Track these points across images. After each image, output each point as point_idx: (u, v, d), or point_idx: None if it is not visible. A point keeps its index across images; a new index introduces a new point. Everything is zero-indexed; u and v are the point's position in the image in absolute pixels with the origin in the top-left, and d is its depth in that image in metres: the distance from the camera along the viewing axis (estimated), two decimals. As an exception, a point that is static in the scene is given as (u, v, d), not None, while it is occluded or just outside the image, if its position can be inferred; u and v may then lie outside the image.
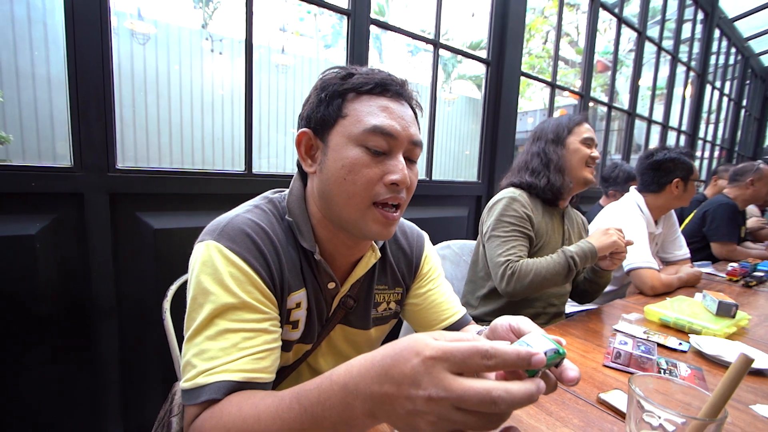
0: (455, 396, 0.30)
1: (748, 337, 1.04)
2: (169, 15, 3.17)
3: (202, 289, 0.52)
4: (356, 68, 0.59)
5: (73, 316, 1.06)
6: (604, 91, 4.91)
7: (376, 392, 0.33)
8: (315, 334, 0.65)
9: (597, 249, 1.08)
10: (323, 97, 0.57)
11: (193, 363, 0.49)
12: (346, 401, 0.35)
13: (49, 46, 1.51)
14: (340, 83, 0.57)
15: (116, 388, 1.14)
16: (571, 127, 1.23)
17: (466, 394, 0.29)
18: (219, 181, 1.23)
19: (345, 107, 0.56)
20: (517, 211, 1.16)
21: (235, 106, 1.66)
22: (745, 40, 5.16)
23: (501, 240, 1.15)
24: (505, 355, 0.31)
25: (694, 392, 0.47)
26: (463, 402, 0.30)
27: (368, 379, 0.34)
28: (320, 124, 0.58)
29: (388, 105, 0.56)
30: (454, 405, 0.30)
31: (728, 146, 5.67)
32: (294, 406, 0.39)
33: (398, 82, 0.59)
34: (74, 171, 1.02)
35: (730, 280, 1.66)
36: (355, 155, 0.55)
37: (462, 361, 0.30)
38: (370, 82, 0.56)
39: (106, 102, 1.04)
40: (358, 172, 0.54)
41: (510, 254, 1.12)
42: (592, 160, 1.22)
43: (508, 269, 1.10)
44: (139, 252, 1.13)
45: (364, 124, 0.54)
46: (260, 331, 0.52)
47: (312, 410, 0.38)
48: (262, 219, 0.58)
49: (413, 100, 0.62)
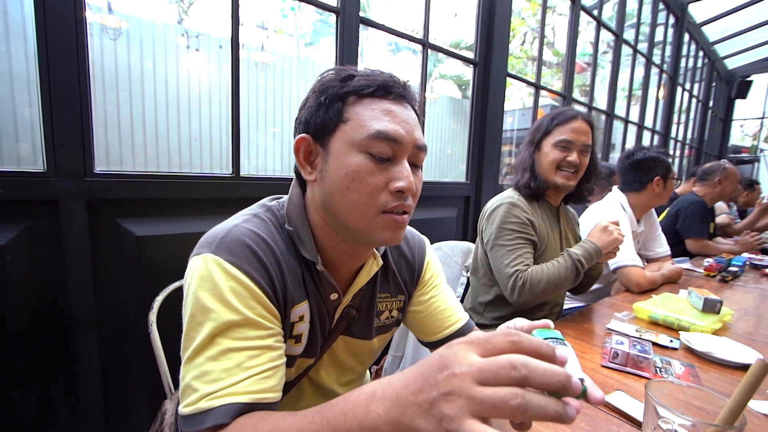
0: (476, 368, 0.30)
1: (732, 332, 1.07)
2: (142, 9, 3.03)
3: (201, 307, 0.48)
4: (355, 69, 0.56)
5: (49, 332, 0.99)
6: (581, 92, 5.04)
7: (403, 394, 0.33)
8: (317, 347, 0.63)
9: (601, 248, 1.09)
10: (323, 101, 0.54)
11: (194, 386, 0.46)
12: (369, 408, 0.34)
13: (10, 40, 1.39)
14: (340, 86, 0.53)
15: (99, 407, 1.07)
16: (551, 128, 1.18)
17: (487, 363, 0.30)
18: (205, 185, 1.18)
19: (346, 111, 0.53)
20: (518, 217, 1.14)
21: (215, 105, 1.60)
22: (712, 44, 5.42)
23: (506, 249, 1.13)
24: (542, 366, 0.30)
25: (708, 396, 0.48)
26: (483, 372, 0.30)
27: (396, 383, 0.34)
28: (320, 130, 0.54)
29: (391, 108, 0.53)
30: (475, 379, 0.30)
31: (697, 145, 5.95)
32: (316, 419, 0.38)
33: (401, 83, 0.56)
34: (47, 176, 0.95)
35: (707, 275, 1.73)
36: (359, 162, 0.52)
37: (488, 343, 0.32)
38: (372, 85, 0.53)
39: (81, 101, 0.97)
40: (362, 180, 0.52)
41: (517, 264, 1.10)
42: (568, 164, 1.16)
43: (518, 280, 1.08)
44: (121, 261, 1.07)
45: (367, 129, 0.52)
46: (265, 348, 0.49)
47: (334, 422, 0.37)
48: (262, 229, 0.55)
49: (416, 102, 0.59)
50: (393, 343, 1.29)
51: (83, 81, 0.97)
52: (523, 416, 0.29)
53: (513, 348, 0.31)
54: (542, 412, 0.28)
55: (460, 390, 0.30)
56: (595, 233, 1.12)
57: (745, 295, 1.46)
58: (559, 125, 1.17)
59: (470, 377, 0.30)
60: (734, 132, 8.30)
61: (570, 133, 1.16)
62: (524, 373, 0.29)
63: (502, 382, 0.29)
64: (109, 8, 2.48)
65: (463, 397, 0.29)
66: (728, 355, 0.87)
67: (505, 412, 0.29)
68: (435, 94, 5.66)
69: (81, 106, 0.97)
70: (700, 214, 2.28)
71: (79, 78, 0.96)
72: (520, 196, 1.22)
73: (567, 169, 1.17)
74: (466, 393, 0.29)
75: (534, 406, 0.28)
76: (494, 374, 0.30)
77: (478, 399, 0.29)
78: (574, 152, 1.16)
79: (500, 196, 1.23)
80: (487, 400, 0.29)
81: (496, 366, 0.30)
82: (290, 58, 3.91)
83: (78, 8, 0.94)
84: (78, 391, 1.04)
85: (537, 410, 0.28)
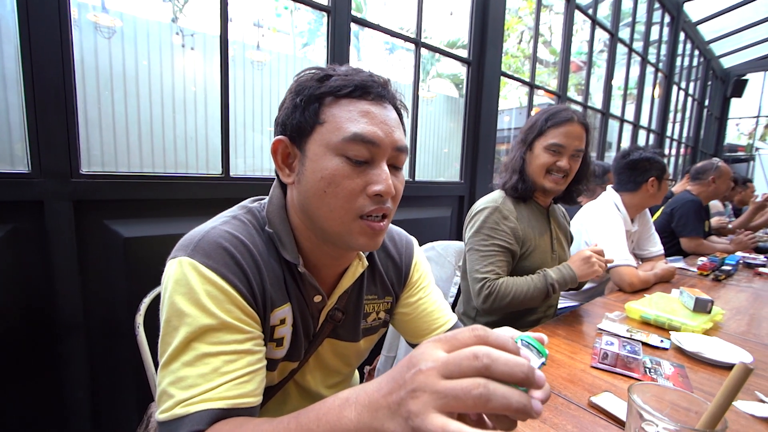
0: (441, 362, 0.30)
1: (723, 332, 1.07)
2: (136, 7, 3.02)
3: (176, 311, 0.47)
4: (334, 68, 0.55)
5: (36, 334, 0.98)
6: (577, 90, 5.04)
7: (375, 398, 0.33)
8: (302, 350, 0.62)
9: (578, 277, 1.07)
10: (298, 102, 0.53)
11: (169, 392, 0.45)
12: (342, 414, 0.34)
13: None
14: (317, 86, 0.52)
15: (86, 409, 1.06)
16: (545, 129, 1.15)
17: (451, 356, 0.30)
18: (194, 185, 1.16)
19: (322, 113, 0.52)
20: (498, 223, 1.13)
21: (210, 104, 1.59)
22: (707, 42, 5.43)
23: (480, 255, 1.13)
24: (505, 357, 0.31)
25: (692, 399, 0.47)
26: (447, 366, 0.30)
27: (369, 388, 0.34)
28: (296, 131, 0.53)
29: (369, 109, 0.52)
30: (440, 373, 0.30)
31: (693, 144, 5.97)
32: (291, 425, 0.38)
33: (380, 82, 0.54)
34: (32, 177, 0.94)
35: (701, 274, 1.73)
36: (335, 166, 0.51)
37: (454, 339, 0.32)
38: (349, 85, 0.51)
39: (67, 101, 0.96)
40: (338, 184, 0.51)
41: (488, 272, 1.10)
42: (557, 169, 1.14)
43: (485, 288, 1.09)
44: (108, 263, 1.06)
45: (343, 131, 0.50)
46: (243, 353, 0.49)
47: (308, 426, 0.36)
48: (241, 231, 0.54)
49: (397, 101, 0.58)
50: (386, 344, 1.28)
51: (68, 80, 0.95)
52: (485, 407, 0.28)
53: (478, 341, 0.32)
54: (505, 402, 0.28)
55: (425, 385, 0.29)
56: (577, 260, 1.08)
57: (738, 294, 1.46)
58: (554, 127, 1.13)
59: (435, 372, 0.30)
60: (730, 131, 8.33)
61: (563, 137, 1.12)
62: (486, 362, 0.29)
63: (466, 373, 0.29)
64: (103, 6, 2.46)
65: (428, 392, 0.29)
66: (718, 356, 0.86)
67: (468, 403, 0.28)
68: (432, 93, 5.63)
69: (66, 106, 0.96)
70: (695, 212, 2.28)
71: (64, 77, 0.94)
72: (507, 198, 1.20)
73: (556, 174, 1.15)
74: (430, 388, 0.29)
75: (497, 396, 0.28)
76: (458, 366, 0.29)
77: (442, 392, 0.29)
78: (565, 157, 1.13)
79: (486, 199, 1.22)
80: (450, 392, 0.28)
81: (460, 358, 0.30)
82: (287, 57, 3.88)
83: (62, 5, 0.92)
84: (65, 393, 1.03)
85: (500, 400, 0.28)
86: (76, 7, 2.10)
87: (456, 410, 0.29)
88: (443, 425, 0.28)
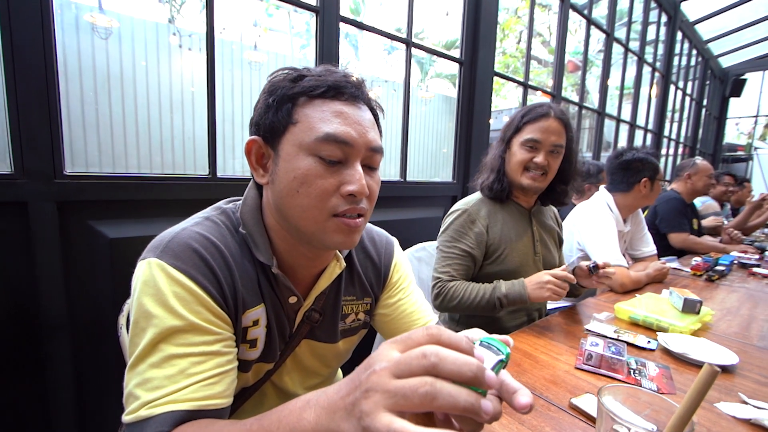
0: (393, 362, 0.30)
1: (712, 333, 1.07)
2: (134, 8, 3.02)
3: (143, 312, 0.47)
4: (308, 69, 0.55)
5: (20, 335, 0.98)
6: (575, 90, 5.04)
7: (333, 400, 0.33)
8: (276, 352, 0.61)
9: (528, 298, 1.03)
10: (271, 102, 0.53)
11: (135, 394, 0.45)
12: (302, 416, 0.34)
13: None
14: (290, 86, 0.52)
15: (71, 409, 1.06)
16: (521, 125, 1.13)
17: (402, 356, 0.31)
18: (180, 186, 1.16)
19: (295, 113, 0.52)
20: (464, 227, 1.14)
21: (204, 105, 1.59)
22: (705, 42, 5.42)
23: (442, 255, 1.15)
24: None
25: (662, 401, 0.47)
26: (399, 365, 0.30)
27: (330, 390, 0.34)
28: (269, 132, 0.53)
29: (342, 110, 0.52)
30: (392, 373, 0.30)
31: (691, 144, 5.95)
32: (253, 427, 0.38)
33: (354, 83, 0.54)
34: (15, 178, 0.93)
35: (694, 274, 1.72)
36: (307, 166, 0.51)
37: (408, 339, 0.33)
38: (322, 85, 0.51)
39: (50, 101, 0.95)
40: (311, 183, 0.50)
41: (443, 272, 1.12)
42: (535, 165, 1.12)
43: (436, 288, 1.11)
44: (93, 264, 1.05)
45: (315, 131, 0.50)
46: (211, 354, 0.48)
47: (269, 428, 0.36)
48: (213, 232, 0.54)
49: (372, 101, 0.58)
50: (375, 344, 1.28)
51: (52, 81, 0.95)
52: (431, 405, 0.28)
53: (430, 340, 0.32)
54: (452, 400, 0.28)
55: (377, 385, 0.29)
56: (533, 282, 1.03)
57: (730, 294, 1.45)
58: (530, 123, 1.12)
59: (388, 372, 0.30)
60: (731, 130, 8.32)
61: (538, 132, 1.11)
62: (434, 360, 0.29)
63: (415, 372, 0.29)
64: (100, 7, 2.46)
65: (380, 392, 0.29)
66: (704, 357, 0.86)
67: (415, 402, 0.28)
68: (430, 93, 5.62)
69: (50, 107, 0.95)
70: (677, 209, 2.31)
71: (47, 77, 0.94)
72: (483, 200, 1.20)
73: (534, 171, 1.13)
74: (382, 387, 0.29)
75: (443, 394, 0.28)
76: (408, 366, 0.30)
77: (392, 391, 0.29)
78: (542, 153, 1.11)
79: (461, 202, 1.21)
80: (398, 391, 0.28)
81: (410, 357, 0.30)
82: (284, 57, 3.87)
83: (45, 6, 0.92)
84: (50, 394, 1.02)
85: (446, 398, 0.28)
86: (74, 8, 2.08)
87: (405, 409, 0.29)
88: (389, 423, 0.27)
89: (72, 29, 1.95)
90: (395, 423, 0.27)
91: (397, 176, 1.84)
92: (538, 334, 1.00)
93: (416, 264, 1.52)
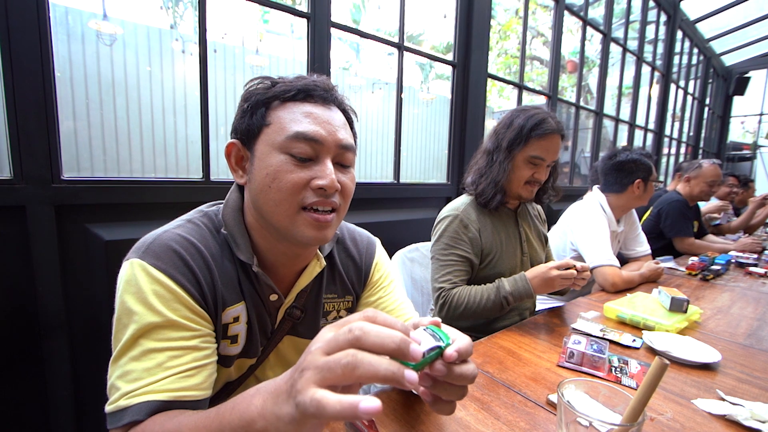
0: (326, 341, 0.33)
1: (699, 331, 1.07)
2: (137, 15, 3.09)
3: (125, 309, 0.50)
4: (282, 77, 0.59)
5: (18, 335, 1.01)
6: (581, 91, 5.04)
7: (279, 385, 0.35)
8: (258, 347, 0.64)
9: (534, 293, 1.04)
10: (246, 108, 0.56)
11: (116, 385, 0.48)
12: (251, 402, 0.36)
13: None
14: (264, 92, 0.56)
15: (69, 407, 1.09)
16: (530, 139, 1.11)
17: (333, 334, 0.33)
18: (174, 189, 1.19)
19: (269, 116, 0.55)
20: (458, 233, 1.13)
21: (210, 109, 1.62)
22: (707, 40, 5.39)
23: (439, 264, 1.14)
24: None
25: (620, 393, 0.48)
26: (329, 343, 0.32)
27: (279, 377, 0.36)
28: (245, 135, 0.57)
29: (312, 111, 0.55)
30: (323, 351, 0.32)
31: (694, 143, 5.91)
32: (211, 414, 0.41)
33: (323, 87, 0.58)
34: (14, 183, 0.97)
35: (689, 274, 1.72)
36: (279, 162, 0.54)
37: (345, 322, 0.35)
38: (292, 89, 0.55)
39: (47, 109, 0.99)
40: (282, 179, 0.53)
41: (444, 281, 1.11)
42: (535, 181, 1.15)
43: (440, 298, 1.10)
44: (90, 265, 1.09)
45: (286, 131, 0.54)
46: (188, 349, 0.51)
47: (224, 415, 0.39)
48: (193, 233, 0.56)
49: (345, 104, 0.61)
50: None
51: (49, 89, 0.98)
52: (353, 374, 0.30)
53: (364, 320, 0.34)
54: (372, 369, 0.30)
55: (310, 363, 0.32)
56: (538, 277, 1.03)
57: (722, 294, 1.45)
58: (537, 138, 1.11)
59: (320, 351, 0.32)
60: (736, 129, 8.23)
61: (545, 151, 1.12)
62: (358, 334, 0.31)
63: (342, 347, 0.31)
64: (104, 15, 2.51)
65: (311, 369, 0.31)
66: (686, 354, 0.87)
67: (338, 373, 0.30)
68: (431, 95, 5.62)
69: (47, 114, 0.99)
70: (679, 211, 2.26)
71: (44, 84, 0.97)
72: (472, 204, 1.19)
73: (533, 184, 1.16)
74: (313, 364, 0.31)
75: (364, 364, 0.30)
76: (336, 341, 0.32)
77: (320, 366, 0.31)
78: (543, 169, 1.15)
79: (450, 207, 1.21)
80: (324, 365, 0.31)
81: (338, 333, 0.32)
82: (286, 61, 3.90)
83: (41, 12, 0.95)
84: (48, 392, 1.05)
85: (367, 367, 0.30)
86: (78, 15, 2.11)
87: (331, 382, 0.31)
88: (312, 395, 0.30)
89: (77, 37, 1.97)
90: (317, 393, 0.29)
91: (390, 178, 1.86)
92: (523, 333, 1.01)
93: (409, 264, 1.53)
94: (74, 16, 2.21)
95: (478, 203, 1.20)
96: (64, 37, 1.86)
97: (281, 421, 0.33)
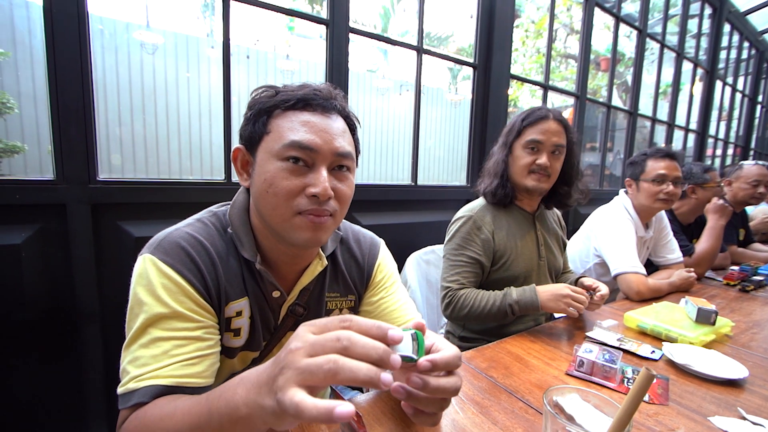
0: (309, 343, 0.34)
1: (729, 345, 1.01)
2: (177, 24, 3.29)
3: (137, 300, 0.54)
4: (285, 86, 0.61)
5: (57, 321, 1.11)
6: (620, 90, 4.82)
7: (261, 376, 0.37)
8: (260, 341, 0.67)
9: (541, 307, 1.02)
10: (250, 116, 0.60)
11: (127, 369, 0.52)
12: (236, 391, 0.39)
13: (34, 66, 1.57)
14: (266, 101, 0.59)
15: (101, 389, 1.18)
16: (522, 129, 1.15)
17: (317, 338, 0.35)
18: (198, 190, 1.26)
19: (269, 124, 0.58)
20: (470, 234, 1.13)
21: (241, 112, 1.71)
22: (759, 33, 4.98)
23: (449, 263, 1.15)
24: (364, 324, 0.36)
25: (609, 403, 0.47)
26: (313, 346, 0.34)
27: (261, 368, 0.38)
28: (249, 141, 0.60)
29: (309, 119, 0.57)
30: (307, 352, 0.34)
31: (743, 144, 5.48)
32: (202, 400, 0.43)
33: (324, 95, 0.60)
34: (57, 183, 1.07)
35: (727, 284, 1.61)
36: (275, 169, 0.56)
37: (324, 326, 0.36)
38: (292, 99, 0.58)
39: (86, 117, 1.08)
40: (278, 184, 0.56)
41: (452, 281, 1.11)
42: (539, 167, 1.12)
43: (447, 297, 1.11)
44: (121, 259, 1.17)
45: (283, 139, 0.56)
46: (192, 339, 0.54)
47: (212, 401, 0.41)
48: (201, 232, 0.60)
49: (348, 111, 0.63)
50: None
51: (87, 98, 1.08)
52: (335, 378, 0.32)
53: (343, 326, 0.36)
54: (352, 374, 0.32)
55: (291, 363, 0.33)
56: (549, 293, 1.01)
57: (762, 307, 1.35)
58: (529, 126, 1.13)
59: (303, 351, 0.34)
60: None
61: (539, 133, 1.12)
62: (346, 344, 0.33)
63: (327, 353, 0.33)
64: (147, 25, 2.71)
65: (292, 369, 0.33)
66: (708, 369, 0.82)
67: (320, 376, 0.32)
68: (460, 96, 5.53)
69: (86, 121, 1.08)
70: None
71: (83, 95, 1.07)
72: (487, 206, 1.19)
73: (538, 172, 1.13)
74: (294, 365, 0.33)
75: (345, 369, 0.32)
76: (321, 347, 0.34)
77: (301, 368, 0.33)
78: (544, 154, 1.12)
79: (465, 208, 1.21)
80: (306, 368, 0.32)
81: (325, 339, 0.34)
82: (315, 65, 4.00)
83: (82, 33, 1.04)
84: (83, 374, 1.15)
85: (348, 373, 0.32)
86: (125, 27, 2.27)
87: (312, 383, 0.32)
88: (292, 395, 0.32)
89: (123, 48, 2.12)
90: (297, 395, 0.31)
91: (408, 180, 1.86)
92: (534, 339, 0.99)
93: (424, 267, 1.53)
94: (119, 28, 2.39)
95: (492, 204, 1.20)
96: (111, 48, 2.01)
97: (264, 411, 0.35)
